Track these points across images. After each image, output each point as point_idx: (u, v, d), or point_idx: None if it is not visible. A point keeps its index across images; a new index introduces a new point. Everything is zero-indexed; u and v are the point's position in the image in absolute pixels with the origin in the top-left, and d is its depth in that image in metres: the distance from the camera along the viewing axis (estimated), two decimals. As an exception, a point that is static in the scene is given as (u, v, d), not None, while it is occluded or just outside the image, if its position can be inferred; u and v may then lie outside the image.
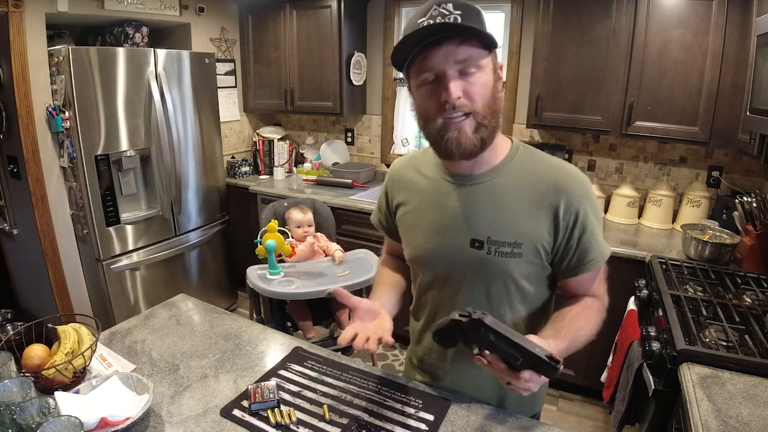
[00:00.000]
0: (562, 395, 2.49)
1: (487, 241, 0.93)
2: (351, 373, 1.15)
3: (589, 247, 0.92)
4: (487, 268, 0.94)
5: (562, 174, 0.92)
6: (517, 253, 0.92)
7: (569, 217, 0.90)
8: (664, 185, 2.45)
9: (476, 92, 0.83)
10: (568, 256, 0.93)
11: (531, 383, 0.77)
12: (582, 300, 0.98)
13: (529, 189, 0.92)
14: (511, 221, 0.92)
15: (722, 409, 1.09)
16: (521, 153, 0.96)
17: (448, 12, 0.80)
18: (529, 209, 0.91)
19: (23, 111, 2.31)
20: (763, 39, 1.61)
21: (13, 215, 2.69)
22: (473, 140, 0.85)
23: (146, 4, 2.79)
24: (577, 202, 0.90)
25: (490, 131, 0.87)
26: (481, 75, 0.83)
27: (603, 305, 0.98)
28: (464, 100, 0.82)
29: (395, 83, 3.24)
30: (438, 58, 0.81)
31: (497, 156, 0.95)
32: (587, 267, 0.93)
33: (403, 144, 3.31)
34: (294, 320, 2.18)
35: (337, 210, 2.81)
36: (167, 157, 2.69)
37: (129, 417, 0.92)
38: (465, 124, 0.84)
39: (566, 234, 0.91)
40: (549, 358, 0.74)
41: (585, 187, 0.92)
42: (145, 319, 1.39)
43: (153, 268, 2.80)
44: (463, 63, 0.81)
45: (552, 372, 0.74)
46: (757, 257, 1.89)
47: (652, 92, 2.19)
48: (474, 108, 0.84)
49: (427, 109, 0.87)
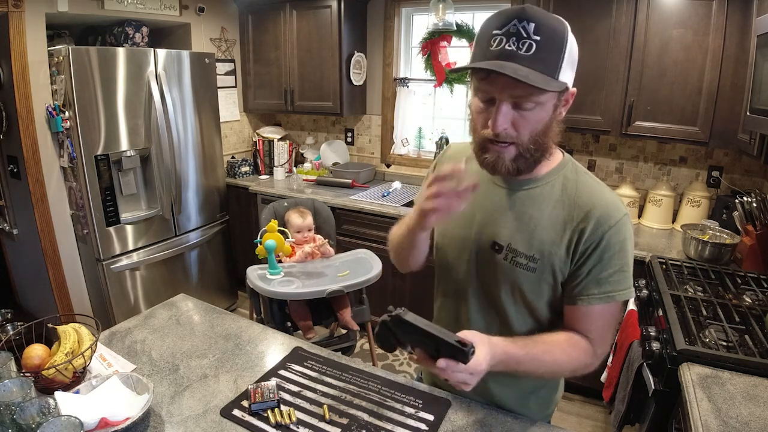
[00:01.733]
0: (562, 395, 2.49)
1: (506, 248, 0.92)
2: (351, 373, 1.15)
3: (599, 280, 0.87)
4: (499, 272, 0.93)
5: (598, 199, 0.88)
6: (531, 267, 0.90)
7: (589, 244, 0.87)
8: (664, 185, 2.45)
9: (526, 126, 0.80)
10: (574, 282, 0.89)
11: (455, 372, 0.76)
12: (572, 333, 0.91)
13: (562, 208, 0.89)
14: (534, 235, 0.90)
15: (722, 409, 1.09)
16: (568, 170, 0.93)
17: (526, 35, 0.74)
18: (556, 228, 0.89)
19: (23, 111, 2.31)
20: (763, 39, 1.61)
21: (13, 215, 2.69)
22: (509, 167, 0.84)
23: (146, 4, 2.79)
24: (602, 230, 0.86)
25: (530, 162, 0.85)
26: (537, 111, 0.80)
27: (593, 350, 0.90)
28: (510, 131, 0.80)
29: (395, 83, 3.24)
30: (495, 86, 0.78)
31: (544, 167, 0.92)
32: (588, 300, 0.88)
33: (403, 144, 3.31)
34: (294, 320, 2.18)
35: (337, 210, 2.81)
36: (167, 157, 2.69)
37: (129, 417, 0.92)
38: (505, 152, 0.83)
39: (583, 259, 0.88)
40: (457, 342, 0.75)
41: (616, 217, 0.86)
42: (145, 319, 1.39)
43: (153, 268, 2.80)
44: (519, 98, 0.78)
45: (464, 356, 0.75)
46: (757, 257, 1.89)
47: (652, 92, 2.19)
48: (519, 140, 0.82)
49: (477, 117, 0.85)
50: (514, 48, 0.75)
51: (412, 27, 3.22)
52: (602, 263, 0.87)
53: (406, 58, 3.25)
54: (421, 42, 3.01)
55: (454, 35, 2.89)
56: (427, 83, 3.15)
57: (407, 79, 3.20)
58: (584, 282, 0.88)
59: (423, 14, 3.04)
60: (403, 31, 3.18)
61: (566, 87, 0.81)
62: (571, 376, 0.93)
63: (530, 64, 0.75)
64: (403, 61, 3.24)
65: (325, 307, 2.23)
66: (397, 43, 3.18)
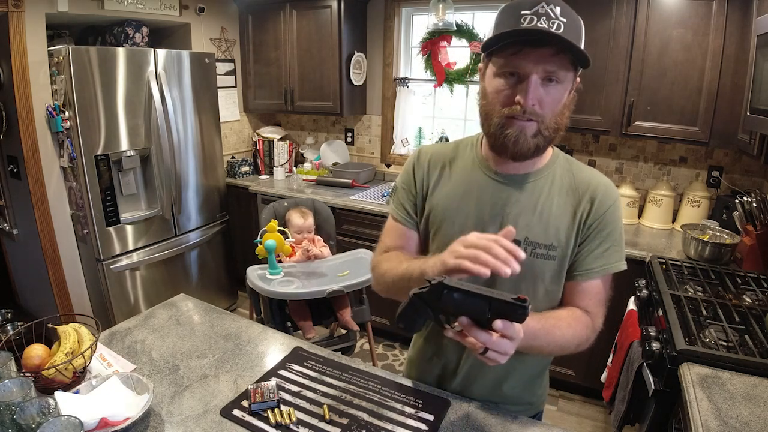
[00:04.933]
0: (562, 395, 2.49)
1: (524, 242, 0.93)
2: (351, 373, 1.14)
3: (597, 255, 0.93)
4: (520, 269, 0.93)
5: (596, 182, 0.95)
6: (552, 255, 0.93)
7: (593, 221, 0.93)
8: (664, 185, 2.45)
9: (549, 103, 0.84)
10: (577, 259, 0.94)
11: (503, 340, 0.73)
12: (573, 308, 0.96)
13: (566, 194, 0.95)
14: (549, 223, 0.93)
15: (722, 409, 1.09)
16: (561, 160, 0.99)
17: (554, 17, 0.79)
18: (566, 213, 0.94)
19: (23, 111, 2.31)
20: (763, 39, 1.61)
21: (13, 215, 2.69)
22: (530, 143, 0.86)
23: (146, 4, 2.79)
24: (603, 209, 0.93)
25: (546, 142, 0.88)
26: (560, 88, 0.84)
27: (594, 325, 0.95)
28: (537, 108, 0.83)
29: (395, 83, 3.24)
30: (530, 61, 0.81)
31: (541, 160, 0.97)
32: (587, 274, 0.94)
33: (403, 144, 3.31)
34: (294, 320, 2.18)
35: (337, 210, 2.81)
36: (167, 157, 2.69)
37: (129, 417, 0.92)
38: (528, 127, 0.85)
39: (587, 235, 0.93)
40: (515, 299, 0.71)
41: (614, 197, 0.95)
42: (145, 319, 1.39)
43: (153, 268, 2.80)
44: (551, 74, 0.82)
45: (522, 313, 0.71)
46: (757, 257, 1.89)
47: (652, 92, 2.19)
48: (542, 117, 0.85)
49: (497, 98, 0.86)
50: (546, 26, 0.78)
51: (412, 27, 3.22)
52: (602, 239, 0.93)
53: (406, 58, 3.25)
54: (421, 42, 3.01)
55: (454, 35, 2.89)
56: (427, 83, 3.15)
57: (407, 79, 3.20)
58: (586, 258, 0.94)
59: (423, 14, 3.04)
60: (403, 31, 3.19)
61: (589, 64, 0.83)
62: (576, 351, 0.93)
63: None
64: (403, 61, 3.24)
65: (325, 307, 2.23)
66: (397, 43, 3.18)
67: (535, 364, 1.06)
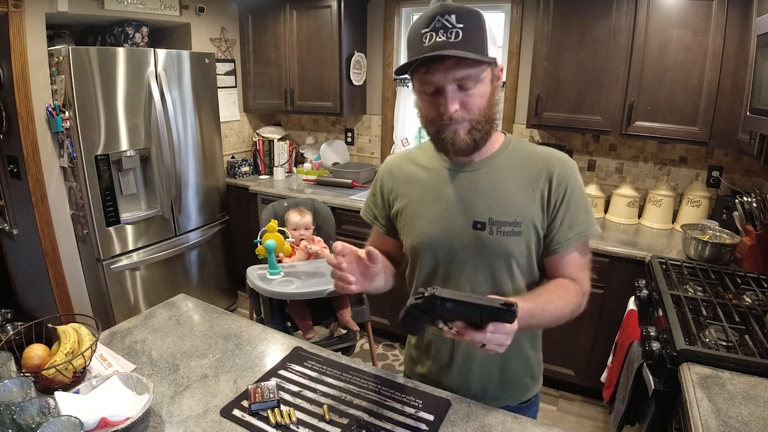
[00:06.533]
0: (562, 395, 2.49)
1: (489, 222, 0.97)
2: (351, 373, 1.15)
3: (571, 224, 0.98)
4: (489, 248, 0.98)
5: (551, 157, 1.01)
6: (517, 231, 0.97)
7: (557, 195, 0.97)
8: (664, 185, 2.45)
9: (473, 103, 0.90)
10: (552, 233, 0.98)
11: (498, 334, 0.78)
12: (560, 279, 1.00)
13: (523, 172, 0.99)
14: (510, 201, 0.98)
15: (722, 409, 1.09)
16: (514, 143, 1.04)
17: (451, 25, 0.84)
18: (525, 190, 0.98)
19: (23, 111, 2.31)
20: (763, 39, 1.61)
21: (13, 215, 2.69)
22: (467, 140, 0.92)
23: (146, 4, 2.80)
24: (564, 181, 0.97)
25: (483, 134, 0.94)
26: (479, 87, 0.89)
27: (582, 290, 1.00)
28: (461, 113, 0.89)
29: (395, 83, 3.24)
30: (438, 75, 0.87)
31: (493, 146, 1.02)
32: (566, 244, 0.98)
33: (403, 144, 3.31)
34: (294, 320, 2.18)
35: (337, 210, 2.81)
36: (167, 157, 2.69)
37: (129, 417, 0.92)
38: (459, 127, 0.91)
39: (555, 209, 0.98)
40: (503, 304, 0.77)
41: (572, 168, 1.00)
42: (145, 319, 1.39)
43: (153, 268, 2.80)
44: (462, 80, 0.87)
45: (510, 316, 0.77)
46: (757, 257, 1.89)
47: (652, 92, 2.19)
48: (470, 117, 0.90)
49: (427, 113, 0.94)
50: (444, 39, 0.85)
51: (412, 27, 3.22)
52: (570, 209, 0.98)
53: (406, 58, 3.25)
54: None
55: (454, 35, 2.89)
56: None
57: (407, 79, 3.20)
58: (560, 229, 0.98)
59: (423, 14, 3.04)
60: (403, 31, 3.18)
61: (495, 60, 0.90)
62: (571, 318, 0.97)
63: (462, 47, 0.84)
64: (402, 60, 3.23)
65: (325, 307, 2.23)
66: (397, 43, 3.18)
67: (529, 336, 1.09)
